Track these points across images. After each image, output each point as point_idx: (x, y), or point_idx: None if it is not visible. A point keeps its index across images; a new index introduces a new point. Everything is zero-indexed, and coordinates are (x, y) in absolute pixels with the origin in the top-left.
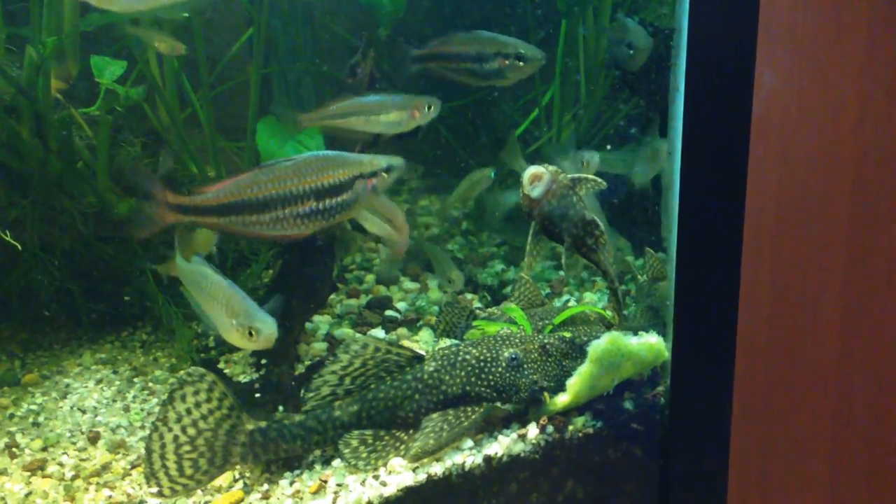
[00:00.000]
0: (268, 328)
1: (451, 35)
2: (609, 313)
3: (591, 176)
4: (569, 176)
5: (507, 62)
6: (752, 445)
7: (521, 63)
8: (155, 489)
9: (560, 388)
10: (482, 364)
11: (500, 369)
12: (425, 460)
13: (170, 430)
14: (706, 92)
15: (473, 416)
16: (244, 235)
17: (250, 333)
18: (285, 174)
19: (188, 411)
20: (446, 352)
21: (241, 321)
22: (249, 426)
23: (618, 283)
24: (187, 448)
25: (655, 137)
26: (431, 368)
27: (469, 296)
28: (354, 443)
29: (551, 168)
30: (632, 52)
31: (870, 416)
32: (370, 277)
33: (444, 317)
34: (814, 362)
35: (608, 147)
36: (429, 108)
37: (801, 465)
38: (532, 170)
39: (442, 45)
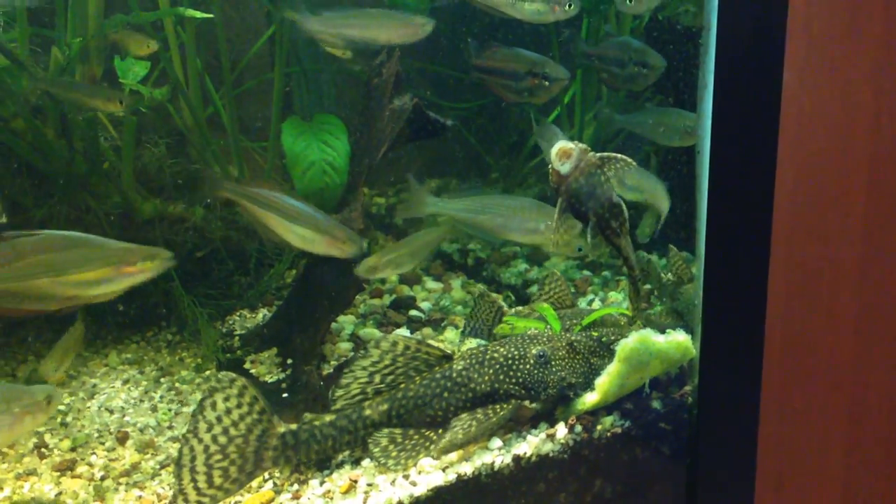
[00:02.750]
0: None
1: (496, 49)
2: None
3: (620, 156)
4: (597, 155)
5: (535, 81)
6: (768, 443)
7: (546, 82)
8: None
9: (588, 385)
10: (510, 361)
11: (528, 366)
12: (454, 459)
13: (200, 441)
14: (735, 89)
15: (502, 413)
16: None
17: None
18: (23, 249)
19: (219, 419)
20: (475, 351)
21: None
22: (281, 429)
23: (638, 272)
24: (218, 457)
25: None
26: (460, 367)
27: (493, 295)
28: (384, 441)
29: (581, 145)
30: (645, 70)
31: (885, 413)
32: (393, 277)
33: (477, 311)
34: (829, 360)
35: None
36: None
37: (815, 463)
38: (561, 144)
39: (487, 59)
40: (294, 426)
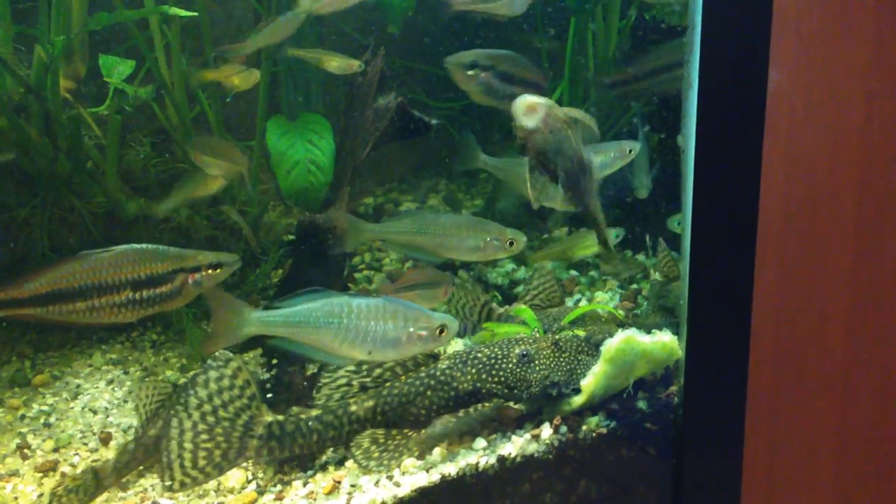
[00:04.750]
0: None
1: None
2: (621, 312)
3: (587, 115)
4: (564, 110)
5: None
6: (758, 445)
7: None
8: (168, 482)
9: (574, 384)
10: (493, 361)
11: (510, 365)
12: (438, 460)
13: (189, 416)
14: (720, 88)
15: (482, 409)
16: (66, 323)
17: (441, 332)
18: (101, 265)
19: (210, 397)
20: (459, 352)
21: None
22: (268, 418)
23: (605, 231)
24: (204, 437)
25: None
26: (444, 366)
27: (487, 295)
28: (366, 443)
29: (546, 100)
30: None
31: (875, 415)
32: (380, 277)
33: (456, 305)
34: (820, 361)
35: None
36: None
37: (806, 464)
38: (526, 98)
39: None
40: (281, 417)
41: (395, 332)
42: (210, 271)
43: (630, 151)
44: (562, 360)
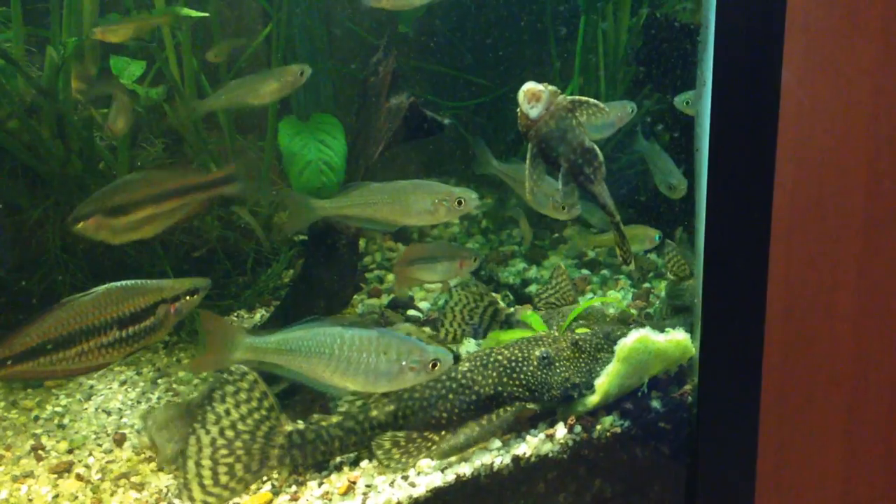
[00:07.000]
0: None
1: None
2: (633, 311)
3: (592, 100)
4: (568, 98)
5: None
6: (767, 440)
7: None
8: (187, 502)
9: (592, 383)
10: (513, 364)
11: (531, 368)
12: (453, 460)
13: (208, 432)
14: (734, 87)
15: (504, 416)
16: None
17: (434, 366)
18: (85, 309)
19: (227, 412)
20: (479, 353)
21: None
22: (288, 428)
23: (618, 217)
24: (224, 452)
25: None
26: (465, 369)
27: (493, 295)
28: (387, 444)
29: (550, 87)
30: None
31: (884, 410)
32: (391, 277)
33: (454, 308)
34: (828, 357)
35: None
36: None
37: (815, 459)
38: (530, 86)
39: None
40: (301, 425)
41: (386, 366)
42: (188, 298)
43: (631, 111)
44: (581, 360)
